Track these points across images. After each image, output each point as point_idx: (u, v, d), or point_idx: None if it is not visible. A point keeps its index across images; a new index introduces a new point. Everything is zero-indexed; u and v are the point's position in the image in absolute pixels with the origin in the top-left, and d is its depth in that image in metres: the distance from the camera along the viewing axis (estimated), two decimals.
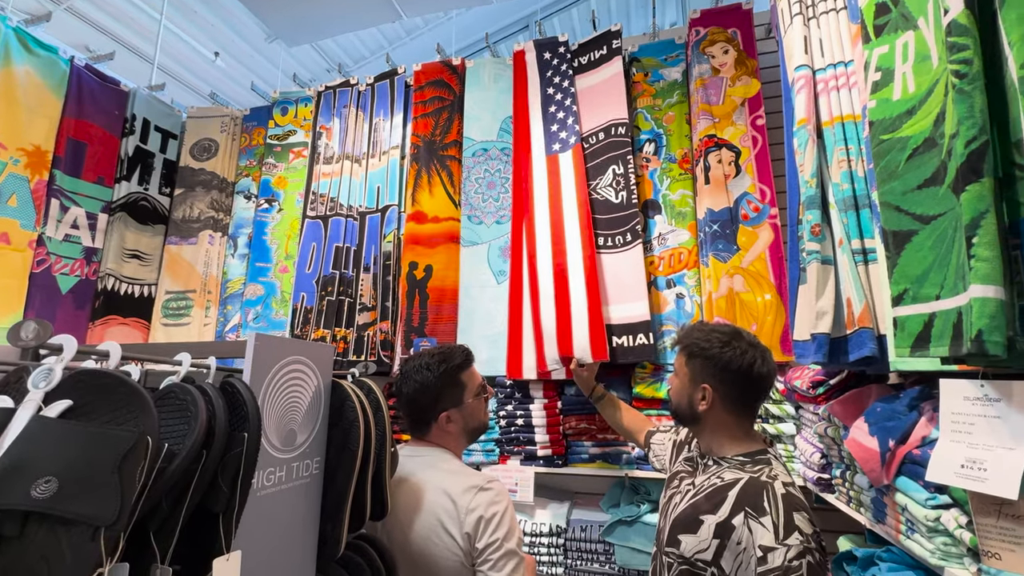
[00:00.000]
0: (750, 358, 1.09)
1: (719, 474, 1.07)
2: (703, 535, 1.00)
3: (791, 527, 0.92)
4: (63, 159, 2.62)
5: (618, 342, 2.10)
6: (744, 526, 0.95)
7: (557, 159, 2.39)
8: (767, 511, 0.95)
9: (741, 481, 1.02)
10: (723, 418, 1.12)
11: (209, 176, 3.06)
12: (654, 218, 2.31)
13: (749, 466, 1.06)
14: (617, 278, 2.18)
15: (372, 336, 2.40)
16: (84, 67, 2.77)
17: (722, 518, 0.99)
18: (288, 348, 0.88)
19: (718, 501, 1.01)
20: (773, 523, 0.93)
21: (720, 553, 0.96)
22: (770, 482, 1.00)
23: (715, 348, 1.11)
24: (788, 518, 0.94)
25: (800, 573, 0.88)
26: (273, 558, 0.84)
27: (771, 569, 0.89)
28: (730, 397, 1.11)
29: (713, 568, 0.97)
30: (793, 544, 0.90)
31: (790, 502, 0.96)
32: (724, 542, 0.96)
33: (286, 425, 0.87)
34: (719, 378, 1.11)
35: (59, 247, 2.59)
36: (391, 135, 2.70)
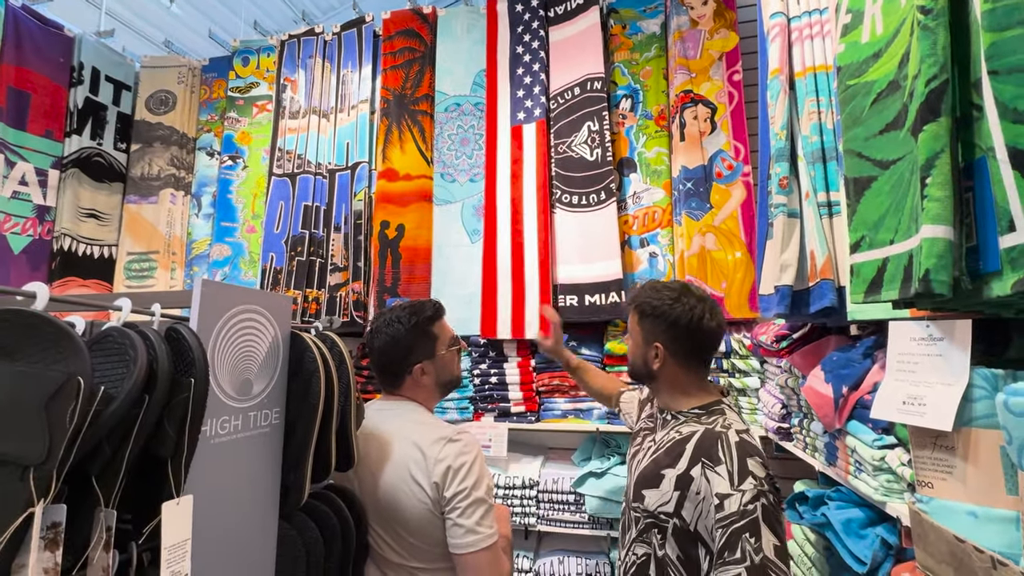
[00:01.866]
0: (699, 312, 1.10)
1: (677, 428, 1.10)
2: (665, 488, 1.02)
3: (745, 473, 0.95)
4: (5, 110, 2.45)
5: (591, 300, 2.11)
6: (702, 476, 0.98)
7: (521, 131, 2.34)
8: (722, 460, 0.98)
9: (697, 433, 1.04)
10: (676, 373, 1.13)
11: (168, 131, 2.90)
12: (629, 176, 2.29)
13: (704, 418, 1.09)
14: (590, 237, 2.17)
15: (344, 297, 2.36)
16: (21, 8, 2.55)
17: (681, 470, 1.01)
18: (239, 297, 0.85)
19: (677, 454, 1.04)
20: (728, 471, 0.96)
21: (681, 504, 0.99)
22: (724, 431, 1.02)
23: (665, 305, 1.12)
24: (742, 465, 0.96)
25: (755, 516, 0.91)
26: (231, 505, 0.83)
27: (728, 515, 0.92)
28: (682, 352, 1.12)
29: (675, 519, 1.00)
30: (747, 489, 0.93)
31: (743, 449, 0.99)
32: (684, 493, 0.99)
33: (241, 374, 0.85)
34: (670, 335, 1.12)
35: (7, 205, 2.45)
36: (360, 88, 2.59)
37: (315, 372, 0.97)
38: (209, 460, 0.78)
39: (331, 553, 1.03)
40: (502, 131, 2.36)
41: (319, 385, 0.97)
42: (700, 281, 2.01)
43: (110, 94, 2.88)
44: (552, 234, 2.23)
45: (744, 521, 0.90)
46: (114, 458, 0.61)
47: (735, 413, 1.12)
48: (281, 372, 0.96)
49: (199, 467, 0.74)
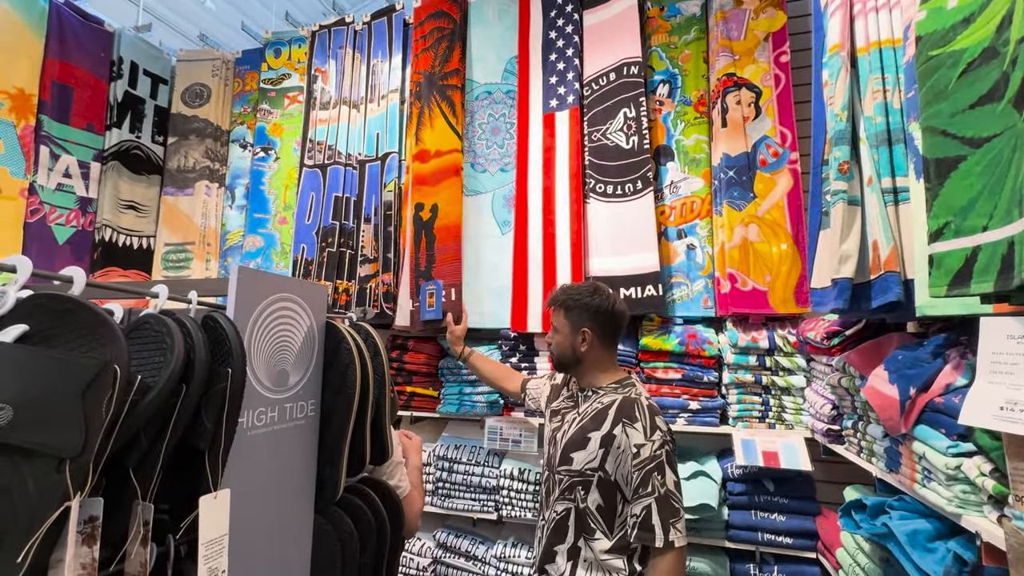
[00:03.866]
0: (611, 300, 1.39)
1: (599, 400, 1.33)
2: (591, 448, 1.25)
3: (654, 427, 1.22)
4: (49, 104, 2.51)
5: (625, 293, 2.04)
6: (623, 433, 1.22)
7: (553, 119, 2.27)
8: (638, 419, 1.23)
9: (617, 401, 1.28)
10: (598, 355, 1.38)
11: (203, 124, 2.94)
12: (666, 165, 2.20)
13: (620, 390, 1.33)
14: (625, 228, 2.10)
15: (374, 288, 2.35)
16: (64, 4, 2.61)
17: (605, 431, 1.25)
18: (276, 285, 0.83)
19: (601, 419, 1.27)
20: (643, 426, 1.22)
21: (605, 458, 1.23)
22: (638, 398, 1.28)
23: (586, 298, 1.38)
24: (652, 421, 1.23)
25: (661, 459, 1.18)
26: (267, 499, 0.81)
27: (643, 459, 1.18)
28: (602, 335, 1.37)
29: (600, 472, 1.23)
30: (656, 439, 1.20)
31: (652, 410, 1.26)
32: (608, 449, 1.23)
33: (276, 365, 0.83)
34: (595, 320, 1.36)
35: (52, 196, 2.53)
36: (390, 78, 2.56)
37: (351, 363, 0.94)
38: (245, 452, 0.76)
39: (366, 548, 1.01)
40: (534, 119, 2.30)
41: (355, 377, 0.94)
42: (742, 274, 1.92)
43: (148, 88, 2.94)
44: (585, 225, 2.17)
45: (654, 463, 1.17)
46: (151, 450, 0.59)
47: (641, 386, 1.38)
48: (317, 363, 0.94)
49: (235, 460, 0.72)
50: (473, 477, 2.13)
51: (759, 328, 1.92)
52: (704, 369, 1.96)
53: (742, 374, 1.90)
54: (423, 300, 2.20)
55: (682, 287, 2.10)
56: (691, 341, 1.97)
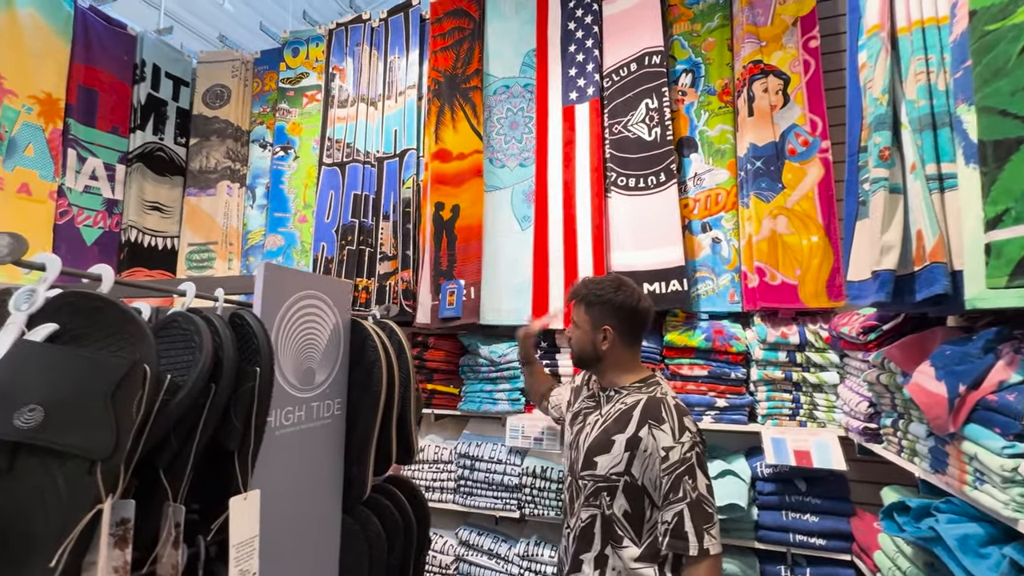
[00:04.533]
0: (636, 296, 1.29)
1: (622, 400, 1.25)
2: (616, 452, 1.18)
3: (683, 428, 1.15)
4: (75, 107, 2.56)
5: (649, 288, 2.00)
6: (649, 435, 1.15)
7: (573, 112, 2.23)
8: (666, 420, 1.16)
9: (642, 401, 1.21)
10: (621, 353, 1.29)
11: (223, 124, 2.97)
12: (689, 157, 2.14)
13: (644, 389, 1.25)
14: (648, 221, 2.05)
15: (394, 286, 2.35)
16: (88, 9, 2.65)
17: (630, 433, 1.17)
18: (302, 281, 0.81)
19: (625, 421, 1.20)
20: (671, 428, 1.14)
21: (631, 463, 1.16)
22: (664, 397, 1.21)
23: (609, 294, 1.29)
24: (680, 422, 1.15)
25: (692, 462, 1.11)
26: (296, 499, 0.80)
27: (672, 463, 1.11)
28: (625, 332, 1.29)
29: (626, 476, 1.16)
30: (686, 441, 1.13)
31: (679, 410, 1.19)
32: (633, 453, 1.16)
33: (303, 363, 0.81)
34: (617, 317, 1.28)
35: (80, 198, 2.58)
36: (407, 74, 2.55)
37: (376, 361, 0.93)
38: (273, 453, 0.75)
39: (393, 548, 1.00)
40: (553, 113, 2.27)
41: (381, 375, 0.92)
42: (771, 268, 1.86)
43: (170, 90, 2.98)
44: (606, 219, 2.13)
45: (684, 467, 1.11)
46: (181, 451, 0.58)
47: (666, 384, 1.31)
48: (343, 361, 0.92)
49: (264, 460, 0.71)
50: (495, 475, 2.11)
51: (789, 323, 1.87)
52: (731, 366, 1.91)
53: (771, 370, 1.85)
54: (443, 298, 2.19)
55: (707, 282, 2.05)
56: (717, 337, 1.92)
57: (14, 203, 2.30)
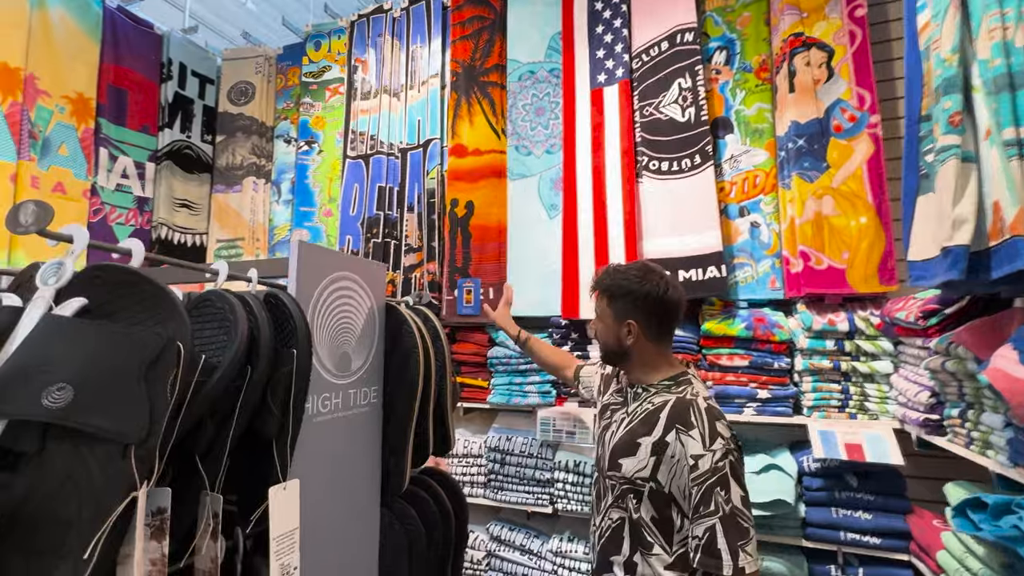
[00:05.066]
0: (663, 286, 1.17)
1: (649, 399, 1.16)
2: (641, 455, 1.09)
3: (715, 435, 1.04)
4: (106, 107, 2.59)
5: (685, 276, 1.92)
6: (676, 441, 1.06)
7: (601, 94, 2.15)
8: (695, 424, 1.06)
9: (670, 402, 1.11)
10: (648, 348, 1.19)
11: (248, 121, 2.98)
12: (725, 138, 2.05)
13: (674, 388, 1.15)
14: (684, 206, 1.97)
15: (419, 278, 2.31)
16: (116, 9, 2.68)
17: (657, 437, 1.09)
18: (337, 262, 0.77)
19: (652, 423, 1.11)
20: (700, 434, 1.04)
21: (657, 468, 1.07)
22: (694, 399, 1.10)
23: (633, 284, 1.18)
24: (712, 428, 1.05)
25: (724, 472, 1.01)
26: (334, 491, 0.77)
27: (702, 473, 1.01)
28: (652, 326, 1.18)
29: (651, 483, 1.08)
30: (718, 448, 1.02)
31: (712, 414, 1.07)
32: (660, 458, 1.07)
33: (339, 348, 0.78)
34: (642, 311, 1.17)
35: (112, 196, 2.62)
36: (429, 63, 2.51)
37: (414, 348, 0.88)
38: (311, 441, 0.71)
39: (432, 542, 0.96)
40: (580, 96, 2.20)
41: (418, 362, 0.88)
42: (816, 252, 1.76)
43: (196, 88, 3.00)
44: (638, 205, 2.05)
45: (715, 477, 1.01)
46: (218, 436, 0.54)
47: (700, 383, 1.19)
48: (378, 347, 0.88)
49: (301, 449, 0.67)
50: (526, 470, 2.06)
51: (836, 310, 1.76)
52: (774, 355, 1.82)
53: (818, 360, 1.75)
54: (459, 295, 2.17)
55: (746, 268, 1.96)
56: (759, 325, 1.83)
57: (49, 201, 2.32)
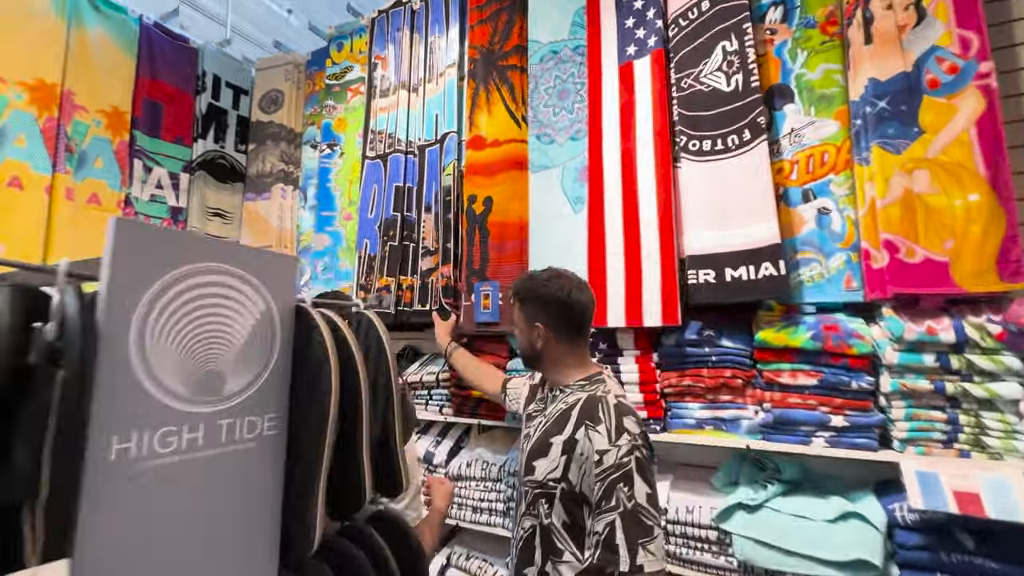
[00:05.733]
0: (567, 288, 1.22)
1: (563, 399, 1.19)
2: (553, 455, 1.10)
3: (621, 430, 1.05)
4: (141, 120, 2.66)
5: (733, 275, 1.59)
6: (585, 437, 1.07)
7: (631, 68, 1.87)
8: (602, 420, 1.07)
9: (581, 400, 1.14)
10: (559, 350, 1.24)
11: (277, 128, 2.97)
12: (783, 109, 1.70)
13: (588, 386, 1.19)
14: (731, 192, 1.64)
15: (435, 283, 2.13)
16: (153, 25, 2.76)
17: (567, 435, 1.10)
18: (193, 249, 0.58)
19: (563, 422, 1.13)
20: (607, 429, 1.05)
21: (568, 467, 1.07)
22: (604, 395, 1.13)
23: (540, 289, 1.24)
24: (619, 423, 1.06)
25: (629, 467, 1.01)
26: (192, 558, 0.56)
27: (606, 468, 1.02)
28: (560, 329, 1.23)
29: (563, 483, 1.07)
30: (623, 444, 1.03)
31: (620, 410, 1.09)
32: (570, 456, 1.07)
33: (201, 364, 0.58)
34: (547, 312, 1.23)
35: (147, 207, 2.67)
36: (447, 52, 2.34)
37: (323, 363, 0.68)
38: (135, 496, 0.51)
39: None
40: (607, 74, 1.93)
41: (329, 381, 0.67)
42: (907, 241, 1.38)
43: (230, 99, 3.04)
44: (676, 193, 1.75)
45: (619, 472, 1.00)
46: None
47: (614, 382, 1.24)
48: (279, 362, 0.68)
49: (115, 507, 0.48)
50: None
51: (937, 315, 1.37)
52: (852, 372, 1.45)
53: (912, 379, 1.36)
54: (477, 300, 1.95)
55: (813, 264, 1.59)
56: (830, 335, 1.47)
57: (85, 213, 2.40)
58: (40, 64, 2.28)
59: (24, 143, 2.21)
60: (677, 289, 1.65)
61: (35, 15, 2.27)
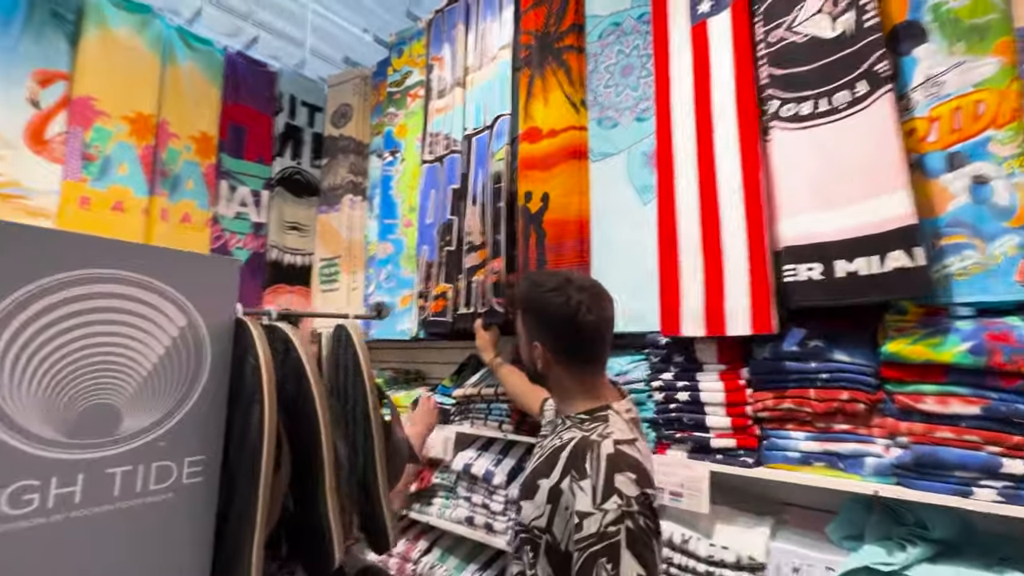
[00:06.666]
0: (574, 305, 0.97)
1: (559, 434, 1.00)
2: (539, 501, 0.93)
3: (610, 490, 0.84)
4: (226, 143, 2.84)
5: (848, 269, 1.24)
6: (569, 490, 0.88)
7: (705, 28, 1.57)
8: (588, 474, 0.87)
9: (573, 441, 0.94)
10: (561, 375, 1.04)
11: (347, 141, 3.03)
12: (913, 53, 1.31)
13: (588, 424, 0.97)
14: (841, 162, 1.29)
15: (482, 281, 1.96)
16: (236, 54, 2.95)
17: (553, 482, 0.92)
18: (70, 254, 0.46)
19: (552, 463, 0.94)
20: (592, 486, 0.86)
21: (552, 519, 0.90)
22: (599, 441, 0.90)
23: (541, 299, 1.02)
24: (608, 481, 0.85)
25: (616, 539, 0.80)
26: None
27: (586, 536, 0.82)
28: (560, 351, 1.01)
29: (548, 535, 0.91)
30: (610, 508, 0.82)
31: (614, 462, 0.87)
32: (555, 507, 0.90)
33: (82, 398, 0.46)
34: (548, 332, 1.02)
35: (232, 224, 2.84)
36: (501, 34, 2.19)
37: (255, 393, 0.53)
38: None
39: None
40: (677, 38, 1.65)
41: (262, 416, 0.53)
42: None
43: (305, 117, 3.17)
44: (768, 171, 1.43)
45: (602, 545, 0.81)
46: None
47: (621, 420, 0.98)
48: (209, 392, 0.55)
49: None
50: None
51: None
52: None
53: None
54: None
55: (966, 252, 1.19)
56: (997, 346, 1.07)
57: (178, 231, 2.60)
58: (139, 98, 2.51)
59: (126, 170, 2.43)
60: (769, 289, 1.33)
61: (134, 54, 2.51)
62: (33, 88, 2.27)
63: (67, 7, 2.37)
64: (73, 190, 2.28)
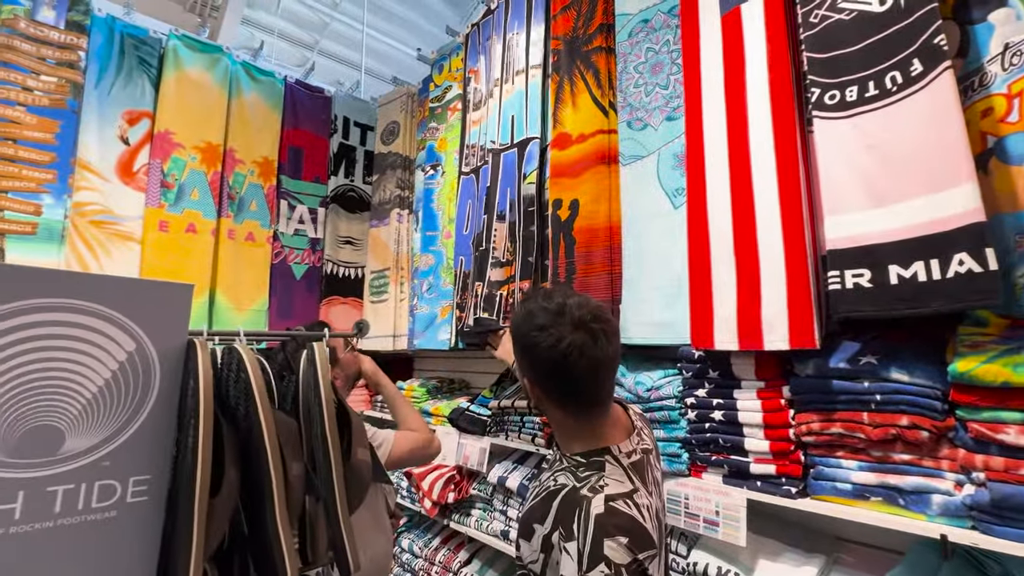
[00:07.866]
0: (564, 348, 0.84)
1: (556, 475, 0.90)
2: (535, 545, 0.85)
3: (598, 558, 0.75)
4: (286, 165, 3.06)
5: (903, 275, 1.07)
6: (558, 547, 0.81)
7: (739, 16, 1.45)
8: (574, 535, 0.79)
9: (564, 491, 0.85)
10: (557, 414, 0.94)
11: (395, 157, 3.15)
12: (986, 20, 1.13)
13: (582, 470, 0.88)
14: (895, 152, 1.13)
15: (506, 296, 1.94)
16: (295, 83, 3.17)
17: (546, 531, 0.84)
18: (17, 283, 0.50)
19: (546, 510, 0.85)
20: (578, 551, 0.78)
21: (545, 569, 0.83)
22: (589, 497, 0.81)
23: (530, 335, 0.88)
24: (595, 547, 0.76)
25: None
26: None
27: None
28: (551, 390, 0.91)
29: None
30: None
31: (603, 526, 0.77)
32: (548, 558, 0.83)
33: (22, 420, 0.49)
34: (535, 371, 0.91)
35: (291, 240, 3.04)
36: (530, 49, 2.17)
37: (191, 416, 0.54)
38: None
39: None
40: (707, 29, 1.53)
41: (195, 439, 0.53)
42: None
43: (358, 137, 3.34)
44: (810, 165, 1.28)
45: None
46: None
47: (620, 469, 0.87)
48: (156, 413, 0.57)
49: None
50: None
51: None
52: None
53: None
54: None
55: None
56: None
57: (243, 249, 2.83)
58: (208, 129, 2.77)
59: (197, 195, 2.69)
60: (811, 298, 1.19)
61: (203, 90, 2.77)
62: (123, 127, 2.57)
63: (150, 54, 2.67)
64: (153, 215, 2.56)
